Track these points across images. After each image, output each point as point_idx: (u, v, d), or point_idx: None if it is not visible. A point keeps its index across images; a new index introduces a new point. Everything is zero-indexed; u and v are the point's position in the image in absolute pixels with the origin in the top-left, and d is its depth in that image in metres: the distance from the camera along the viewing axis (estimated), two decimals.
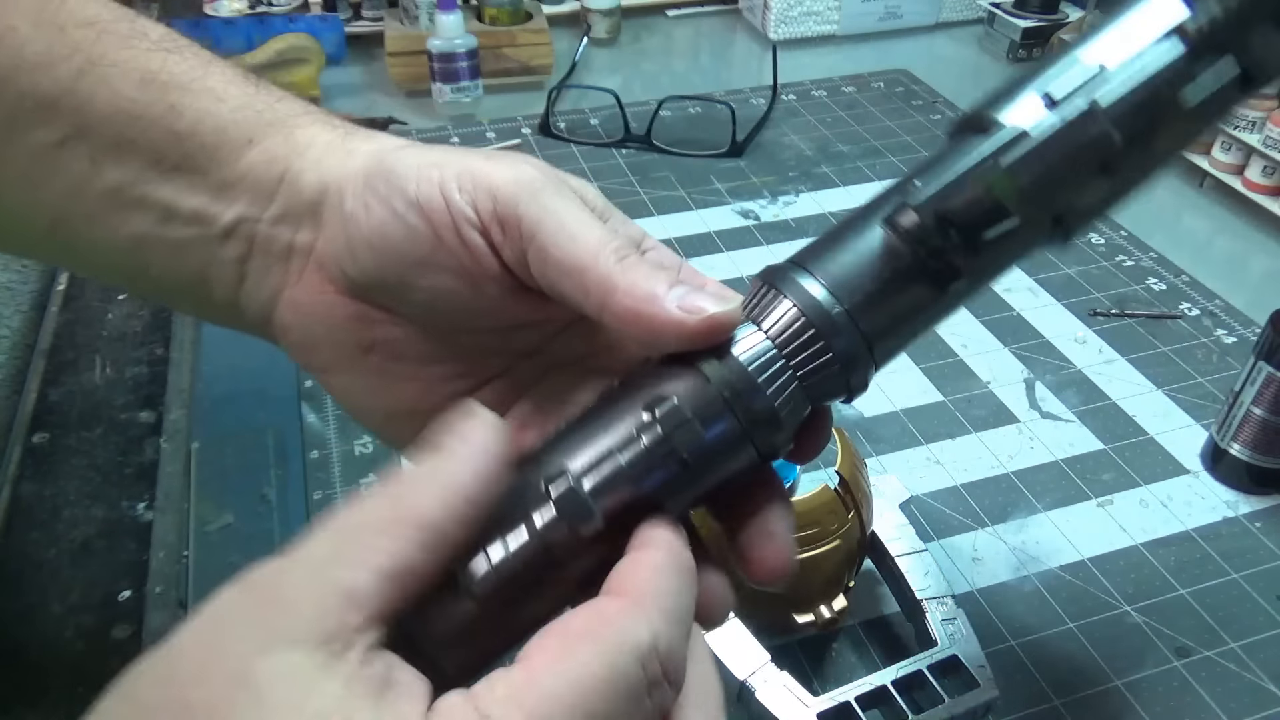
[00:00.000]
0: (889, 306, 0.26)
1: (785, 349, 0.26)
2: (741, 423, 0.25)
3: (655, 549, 0.24)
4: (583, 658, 0.20)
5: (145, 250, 0.30)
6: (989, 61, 1.13)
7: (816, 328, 0.26)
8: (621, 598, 0.22)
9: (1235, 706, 0.47)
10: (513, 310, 0.29)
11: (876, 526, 0.49)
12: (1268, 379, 0.54)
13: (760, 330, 0.26)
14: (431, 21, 0.97)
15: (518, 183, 0.27)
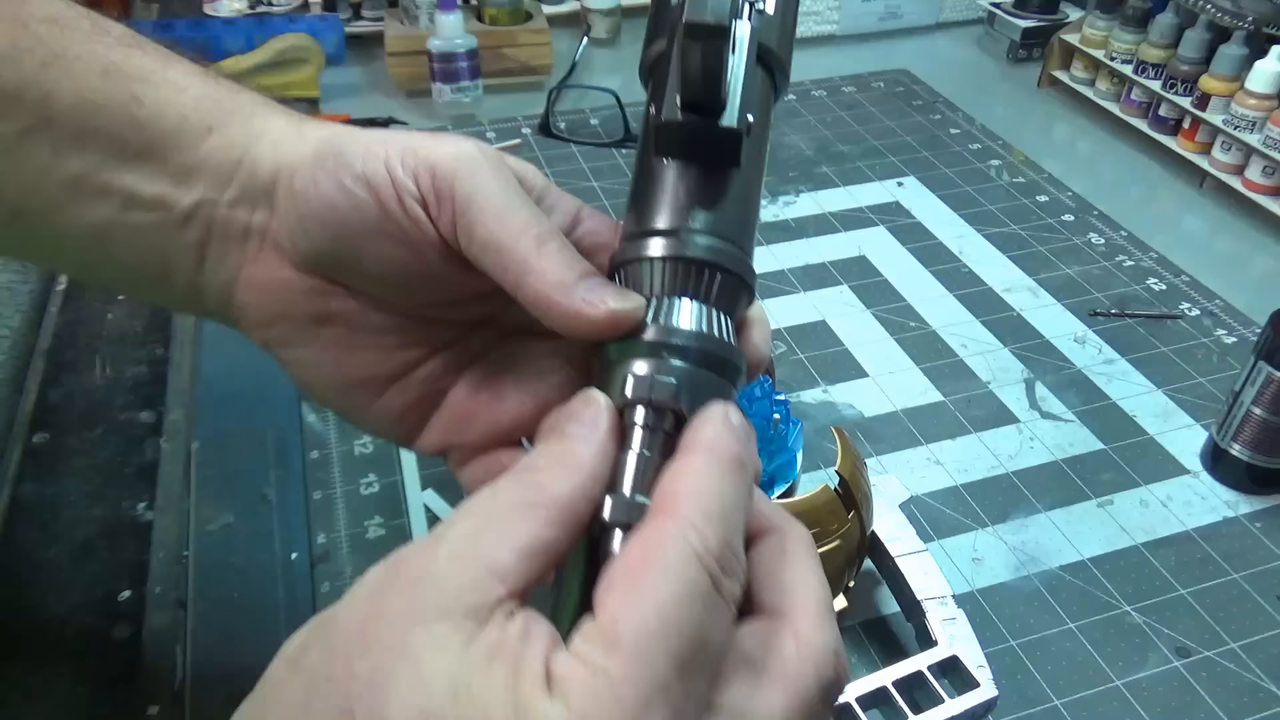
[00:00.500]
0: (723, 204, 0.29)
1: (714, 300, 0.28)
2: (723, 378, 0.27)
3: (692, 454, 0.25)
4: (652, 584, 0.22)
5: (107, 238, 0.31)
6: (989, 61, 1.13)
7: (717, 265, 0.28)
8: (665, 516, 0.23)
9: (1235, 706, 0.47)
10: (457, 280, 0.30)
11: (876, 526, 0.49)
12: (1268, 379, 0.54)
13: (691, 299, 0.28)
14: (431, 21, 0.97)
15: (456, 159, 0.29)
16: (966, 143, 0.94)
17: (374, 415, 0.34)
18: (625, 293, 0.28)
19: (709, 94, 0.27)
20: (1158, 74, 0.91)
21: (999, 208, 0.85)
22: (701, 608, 0.22)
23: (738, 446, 0.25)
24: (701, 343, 0.27)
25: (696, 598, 0.22)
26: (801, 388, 0.65)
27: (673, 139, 0.29)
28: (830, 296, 0.74)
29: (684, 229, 0.28)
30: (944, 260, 0.78)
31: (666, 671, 0.21)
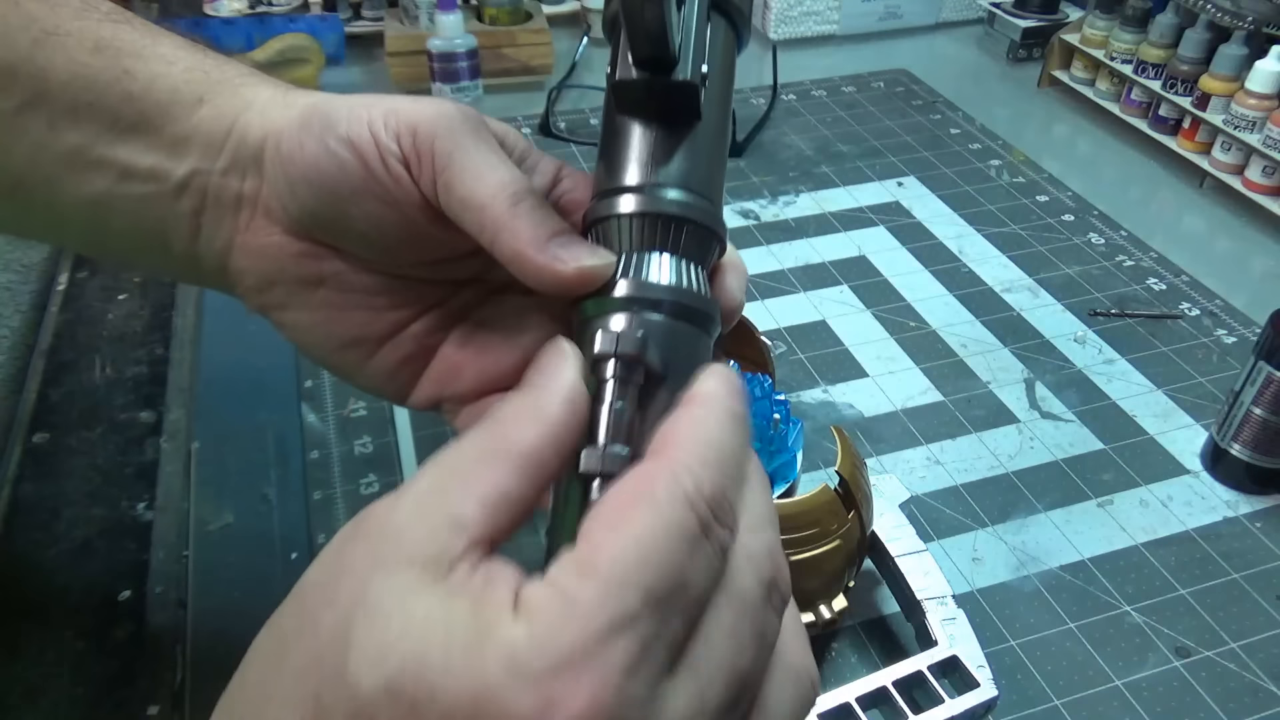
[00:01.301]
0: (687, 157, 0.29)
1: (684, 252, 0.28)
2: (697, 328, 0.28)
3: (693, 405, 0.25)
4: (635, 519, 0.21)
5: (105, 209, 0.32)
6: (989, 61, 1.13)
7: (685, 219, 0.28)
8: (660, 457, 0.23)
9: (1235, 706, 0.47)
10: (441, 238, 0.31)
11: (876, 526, 0.49)
12: (1268, 379, 0.54)
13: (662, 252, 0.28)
14: (431, 21, 0.97)
15: (437, 119, 0.30)
16: (966, 143, 0.94)
17: (368, 374, 0.35)
18: (596, 249, 0.28)
19: (658, 49, 0.27)
20: (1158, 74, 0.91)
21: (999, 208, 0.85)
22: (685, 549, 0.21)
23: (737, 403, 0.25)
24: (674, 295, 0.27)
25: (681, 538, 0.21)
26: (801, 388, 0.65)
27: (630, 97, 0.29)
28: (830, 296, 0.74)
29: (651, 185, 0.28)
30: (944, 260, 0.78)
31: (638, 604, 0.20)
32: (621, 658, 0.20)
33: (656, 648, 0.21)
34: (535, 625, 0.20)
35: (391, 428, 0.61)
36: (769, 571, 0.23)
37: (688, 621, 0.22)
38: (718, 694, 0.22)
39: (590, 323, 0.27)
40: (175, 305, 0.70)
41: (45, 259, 0.77)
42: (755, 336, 0.56)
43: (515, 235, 0.28)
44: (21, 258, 0.75)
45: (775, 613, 0.24)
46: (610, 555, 0.21)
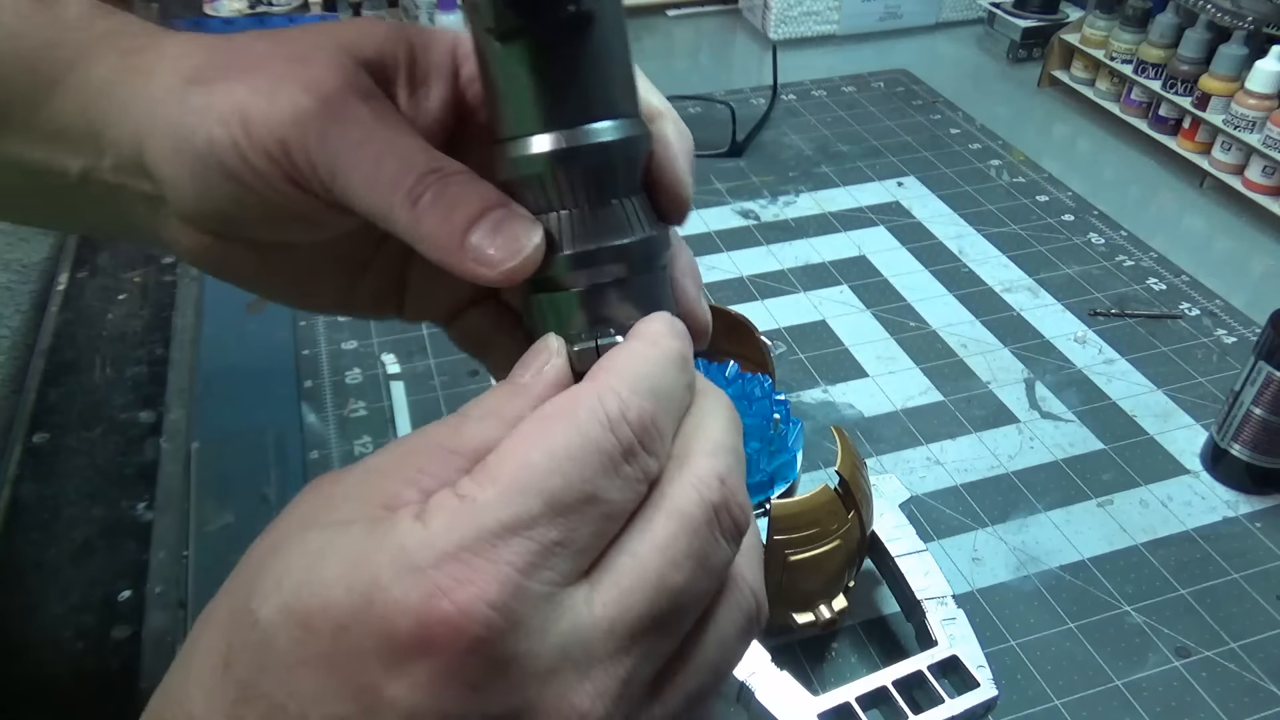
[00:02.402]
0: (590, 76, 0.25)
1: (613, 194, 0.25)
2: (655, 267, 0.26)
3: (635, 339, 0.24)
4: (552, 430, 0.21)
5: (28, 199, 0.31)
6: (989, 61, 1.13)
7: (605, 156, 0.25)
8: (589, 381, 0.23)
9: (1235, 706, 0.47)
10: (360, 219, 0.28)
11: (876, 526, 0.48)
12: (1268, 379, 0.54)
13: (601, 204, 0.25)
14: (431, 21, 0.97)
15: (299, 123, 0.26)
16: (966, 143, 0.94)
17: (352, 312, 0.35)
18: (521, 230, 0.25)
19: None
20: (1158, 74, 0.91)
21: (999, 208, 0.85)
22: (599, 466, 0.21)
23: (679, 342, 0.24)
24: (623, 255, 0.25)
25: (596, 455, 0.21)
26: (801, 388, 0.65)
27: (506, 25, 0.24)
28: (830, 296, 0.74)
29: (566, 127, 0.24)
30: (944, 260, 0.78)
31: (537, 510, 0.20)
32: (515, 556, 0.20)
33: (561, 554, 0.20)
34: (430, 523, 0.20)
35: (391, 427, 0.61)
36: (716, 495, 0.23)
37: (603, 534, 0.21)
38: (642, 605, 0.21)
39: (541, 306, 0.26)
40: (175, 305, 0.70)
41: (45, 259, 0.77)
42: (755, 336, 0.56)
43: (430, 242, 0.25)
44: (21, 258, 0.75)
45: (724, 537, 0.23)
46: (516, 462, 0.21)
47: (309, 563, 0.20)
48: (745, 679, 0.42)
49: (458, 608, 0.19)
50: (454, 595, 0.19)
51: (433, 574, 0.19)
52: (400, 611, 0.19)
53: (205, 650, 0.21)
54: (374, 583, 0.20)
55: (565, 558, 0.21)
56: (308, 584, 0.20)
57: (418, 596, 0.19)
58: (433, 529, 0.20)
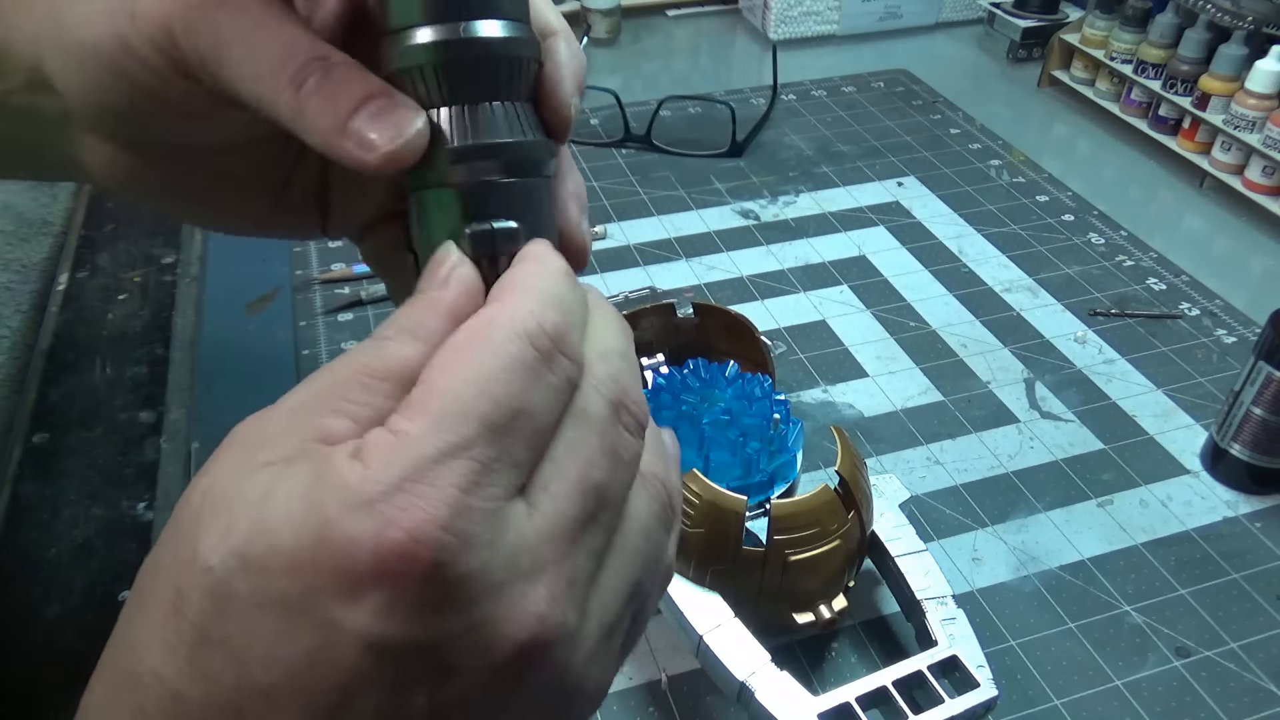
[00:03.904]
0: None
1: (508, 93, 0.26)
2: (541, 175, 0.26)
3: (524, 261, 0.25)
4: (472, 355, 0.22)
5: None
6: (989, 61, 1.13)
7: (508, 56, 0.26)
8: (496, 303, 0.23)
9: (1235, 706, 0.47)
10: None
11: (876, 526, 0.49)
12: (1268, 379, 0.54)
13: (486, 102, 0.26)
14: None
15: (187, 11, 0.26)
16: (966, 143, 0.94)
17: (278, 232, 0.35)
18: (403, 116, 0.25)
19: None
20: (1158, 74, 0.91)
21: (999, 208, 0.85)
22: (525, 380, 0.22)
23: (563, 260, 0.25)
24: (505, 154, 0.25)
25: (520, 370, 0.22)
26: (801, 388, 0.65)
27: None
28: (830, 296, 0.74)
29: (443, 20, 0.25)
30: (944, 260, 0.78)
31: (470, 432, 0.21)
32: (457, 478, 0.20)
33: (499, 470, 0.21)
34: (370, 461, 0.20)
35: None
36: (615, 394, 0.24)
37: (534, 446, 0.22)
38: (572, 507, 0.22)
39: (421, 200, 0.26)
40: (175, 305, 0.70)
41: (45, 259, 0.77)
42: (755, 336, 0.56)
43: (313, 129, 0.25)
44: (21, 258, 0.75)
45: (628, 431, 0.24)
46: (444, 391, 0.21)
47: (255, 508, 0.21)
48: (745, 679, 0.42)
49: (409, 534, 0.20)
50: (403, 523, 0.20)
51: (380, 506, 0.20)
52: (354, 545, 0.20)
53: (155, 600, 0.21)
54: (324, 521, 0.20)
55: (503, 473, 0.21)
56: (258, 528, 0.20)
57: (370, 529, 0.20)
58: (373, 465, 0.20)
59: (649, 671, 0.48)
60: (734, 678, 0.42)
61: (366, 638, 0.20)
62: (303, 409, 0.22)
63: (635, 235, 0.80)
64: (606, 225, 0.80)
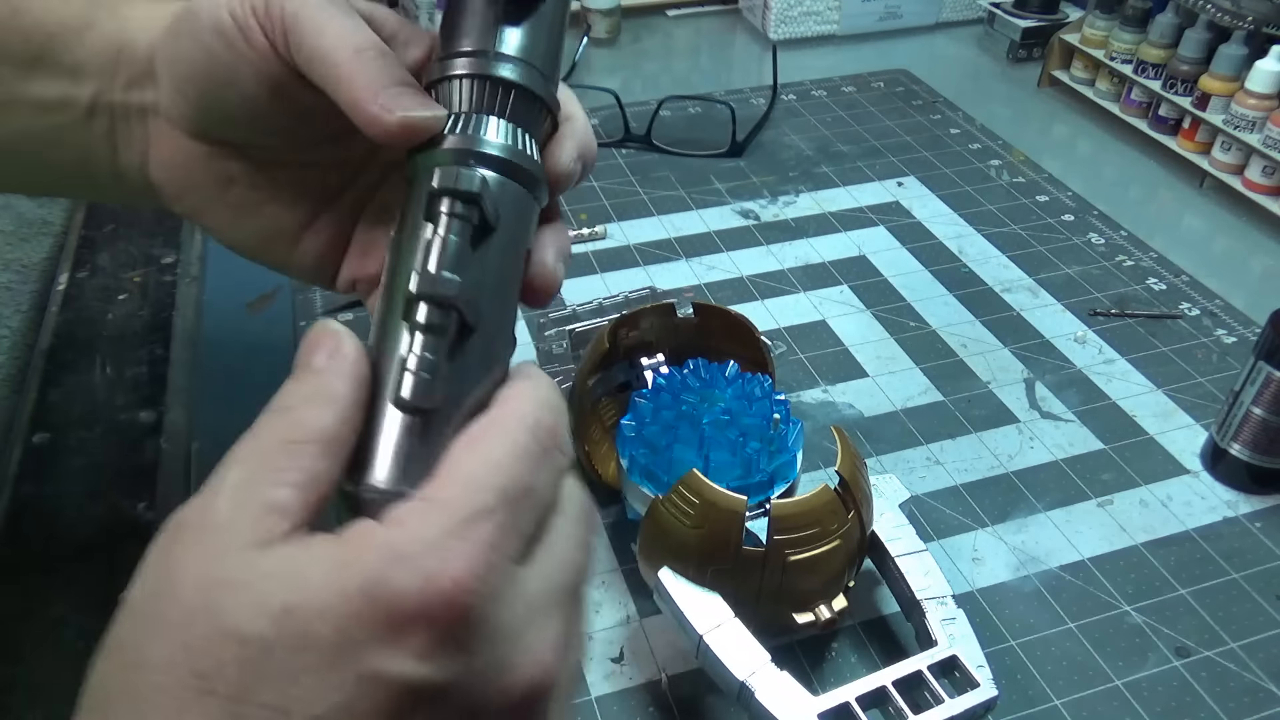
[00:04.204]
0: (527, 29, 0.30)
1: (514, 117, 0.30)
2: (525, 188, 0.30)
3: (522, 375, 0.28)
4: (490, 442, 0.25)
5: (29, 143, 0.35)
6: (989, 61, 1.13)
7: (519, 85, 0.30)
8: (501, 406, 0.27)
9: (1235, 706, 0.47)
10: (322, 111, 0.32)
11: (876, 526, 0.49)
12: (1268, 379, 0.54)
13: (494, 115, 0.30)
14: (431, 21, 0.97)
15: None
16: (966, 143, 0.94)
17: (296, 264, 0.38)
18: (428, 102, 0.30)
19: None
20: (1158, 74, 0.91)
21: (999, 208, 0.85)
22: (531, 464, 0.25)
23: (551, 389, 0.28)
24: (504, 153, 0.29)
25: (527, 456, 0.25)
26: (801, 388, 0.65)
27: None
28: (830, 296, 0.74)
29: (490, 51, 0.30)
30: (944, 260, 0.78)
31: (493, 501, 0.24)
32: (486, 537, 0.23)
33: (512, 535, 0.24)
34: (407, 525, 0.23)
35: None
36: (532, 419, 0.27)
37: (537, 519, 0.25)
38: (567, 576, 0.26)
39: (420, 174, 0.29)
40: (175, 305, 0.70)
41: (45, 259, 0.77)
42: (755, 336, 0.56)
43: (351, 84, 0.29)
44: (21, 258, 0.75)
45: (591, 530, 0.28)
46: (467, 468, 0.24)
47: (284, 579, 0.22)
48: (745, 679, 0.42)
49: (453, 581, 0.22)
50: (448, 572, 0.22)
51: (423, 560, 0.22)
52: (400, 594, 0.22)
53: (161, 695, 0.21)
54: (368, 580, 0.22)
55: (515, 537, 0.24)
56: (295, 595, 0.21)
57: (418, 579, 0.22)
58: (410, 527, 0.23)
59: (649, 671, 0.48)
60: (734, 678, 0.42)
61: (407, 679, 0.22)
62: (243, 487, 0.23)
63: (635, 235, 0.80)
64: (606, 225, 0.80)
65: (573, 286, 0.74)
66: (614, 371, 0.57)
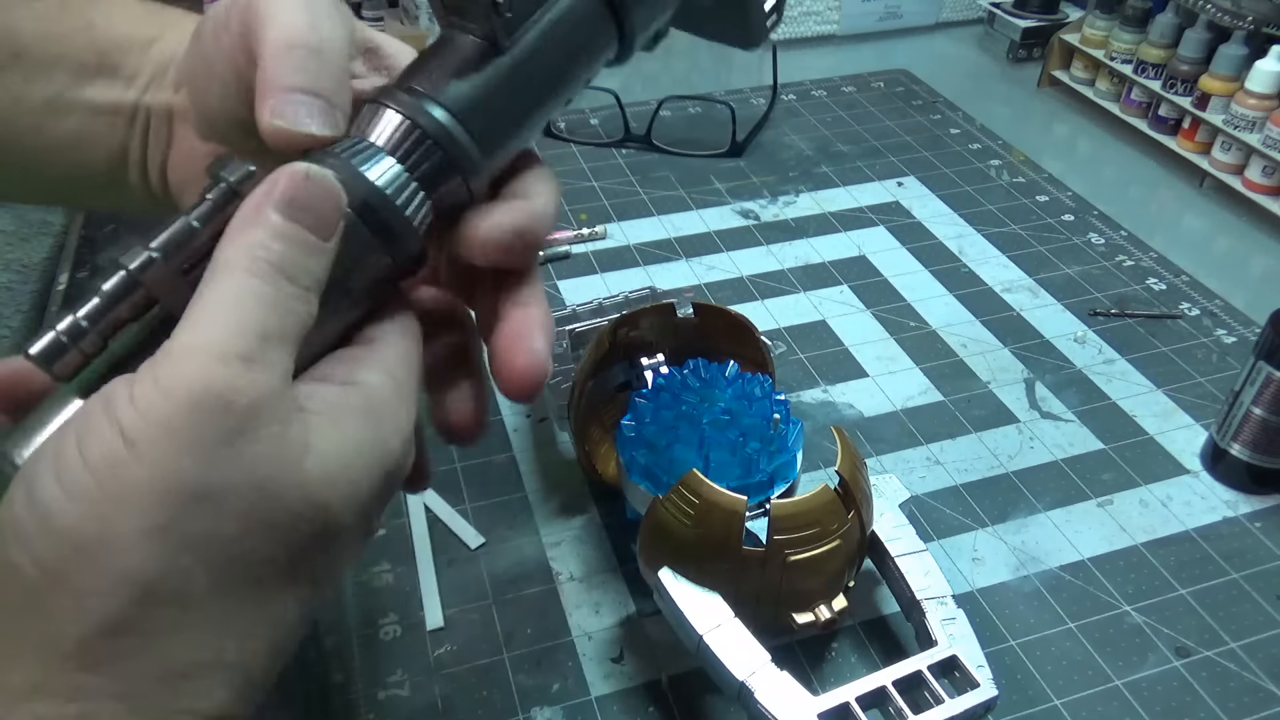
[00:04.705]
0: (479, 98, 0.29)
1: (411, 166, 0.28)
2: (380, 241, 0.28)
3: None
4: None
5: (76, 147, 0.36)
6: (989, 61, 1.13)
7: (432, 140, 0.28)
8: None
9: (1235, 706, 0.47)
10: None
11: (876, 526, 0.49)
12: (1268, 379, 0.54)
13: (381, 148, 0.28)
14: (432, 21, 0.97)
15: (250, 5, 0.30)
16: (966, 143, 0.94)
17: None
18: (315, 118, 0.28)
19: None
20: (1158, 74, 0.91)
21: (999, 208, 0.85)
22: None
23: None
24: (367, 194, 0.27)
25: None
26: (801, 388, 0.65)
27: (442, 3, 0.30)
28: (830, 296, 0.74)
29: (422, 93, 0.28)
30: (944, 260, 0.78)
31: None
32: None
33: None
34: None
35: None
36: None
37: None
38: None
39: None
40: None
41: (45, 259, 0.77)
42: (755, 336, 0.56)
43: (262, 77, 0.28)
44: (21, 258, 0.75)
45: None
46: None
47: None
48: (745, 679, 0.42)
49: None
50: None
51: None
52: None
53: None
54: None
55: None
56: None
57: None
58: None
59: (649, 671, 0.48)
60: (734, 678, 0.42)
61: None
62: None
63: (635, 235, 0.80)
64: (606, 225, 0.80)
65: (573, 286, 0.74)
66: (614, 371, 0.57)
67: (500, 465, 0.59)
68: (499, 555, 0.54)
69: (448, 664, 0.48)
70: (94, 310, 0.25)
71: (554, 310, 0.62)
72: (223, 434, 0.22)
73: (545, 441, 0.60)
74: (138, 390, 0.23)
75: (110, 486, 0.22)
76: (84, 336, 0.25)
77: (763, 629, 0.44)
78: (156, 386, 0.23)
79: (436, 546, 0.54)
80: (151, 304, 0.26)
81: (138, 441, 0.22)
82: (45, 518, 0.22)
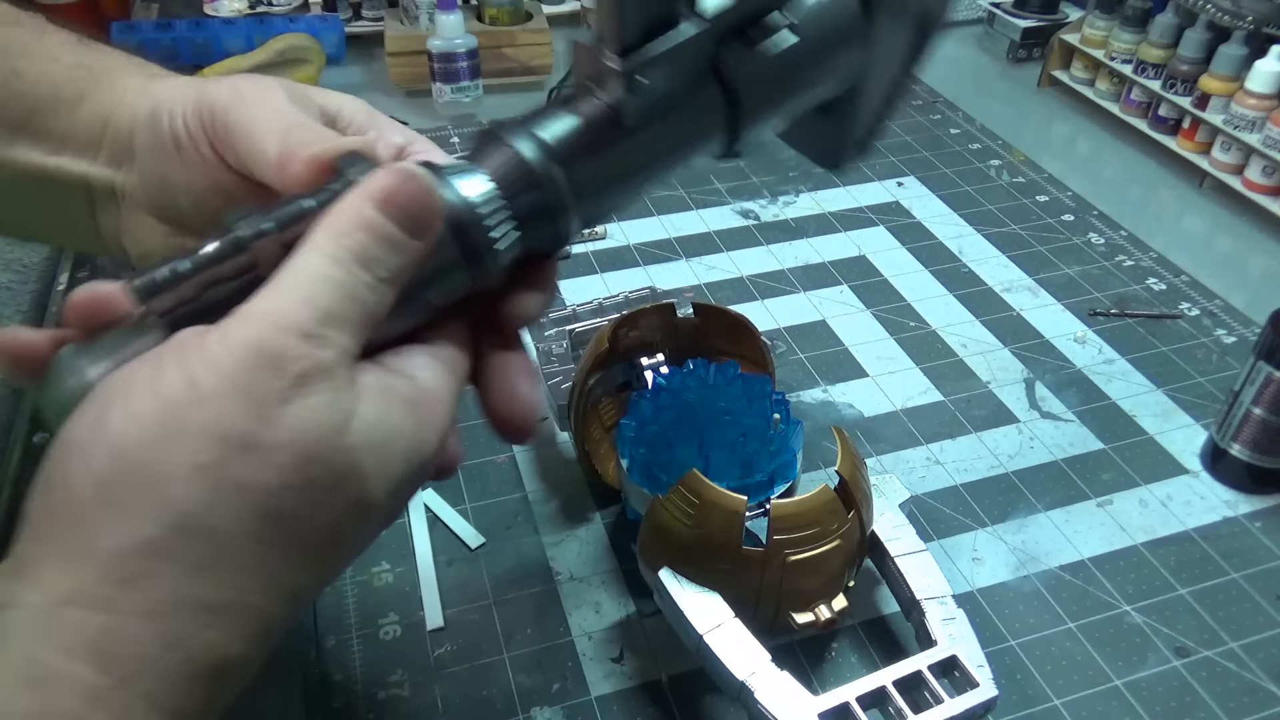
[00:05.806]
0: (588, 157, 0.31)
1: (507, 194, 0.30)
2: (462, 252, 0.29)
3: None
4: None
5: (12, 201, 0.36)
6: (989, 61, 1.13)
7: (532, 178, 0.30)
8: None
9: (1235, 706, 0.47)
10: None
11: (876, 526, 0.49)
12: (1267, 379, 0.54)
13: (485, 174, 0.30)
14: (431, 21, 0.97)
15: (232, 93, 0.33)
16: (966, 143, 0.94)
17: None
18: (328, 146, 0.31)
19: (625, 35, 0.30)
20: (1157, 74, 0.91)
21: (999, 208, 0.85)
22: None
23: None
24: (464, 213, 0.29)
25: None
26: (801, 388, 0.65)
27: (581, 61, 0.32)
28: (830, 296, 0.74)
29: (539, 136, 0.30)
30: (944, 260, 0.78)
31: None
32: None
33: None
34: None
35: None
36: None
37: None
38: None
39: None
40: None
41: (45, 259, 0.77)
42: (755, 336, 0.56)
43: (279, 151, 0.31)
44: (21, 258, 0.75)
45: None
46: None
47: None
48: (745, 679, 0.42)
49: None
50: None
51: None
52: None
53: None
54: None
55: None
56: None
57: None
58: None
59: (649, 671, 0.48)
60: (734, 678, 0.42)
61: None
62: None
63: (635, 235, 0.80)
64: (606, 225, 0.80)
65: (573, 286, 0.74)
66: (614, 371, 0.57)
67: (500, 465, 0.59)
68: (499, 555, 0.54)
69: (448, 664, 0.48)
70: (199, 262, 0.27)
71: (554, 310, 0.62)
72: (274, 393, 0.24)
73: (545, 441, 0.60)
74: (209, 340, 0.25)
75: (172, 422, 0.24)
76: (183, 282, 0.27)
77: (763, 629, 0.44)
78: (223, 342, 0.25)
79: (436, 546, 0.54)
80: (251, 268, 0.28)
81: (200, 386, 0.24)
82: (109, 440, 0.24)
